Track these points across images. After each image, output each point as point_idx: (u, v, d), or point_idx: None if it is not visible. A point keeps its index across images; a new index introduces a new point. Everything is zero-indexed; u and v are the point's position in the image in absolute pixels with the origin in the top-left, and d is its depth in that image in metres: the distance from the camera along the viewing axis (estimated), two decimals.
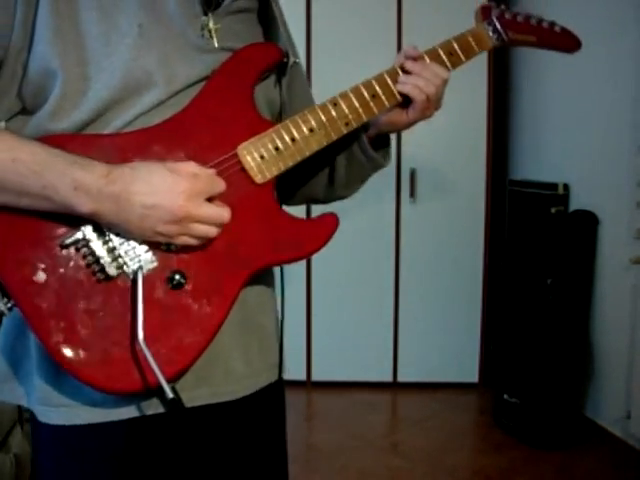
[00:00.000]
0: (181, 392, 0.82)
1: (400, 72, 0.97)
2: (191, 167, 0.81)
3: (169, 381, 0.79)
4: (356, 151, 1.03)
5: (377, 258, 3.41)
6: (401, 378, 3.46)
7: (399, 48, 3.18)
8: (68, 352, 0.78)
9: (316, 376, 3.46)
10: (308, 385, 3.47)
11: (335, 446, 2.80)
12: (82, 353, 0.78)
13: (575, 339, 2.81)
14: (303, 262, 3.27)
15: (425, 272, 3.41)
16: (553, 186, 2.94)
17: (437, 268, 3.40)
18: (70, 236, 0.79)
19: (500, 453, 2.73)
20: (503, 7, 1.05)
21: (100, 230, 0.80)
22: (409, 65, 0.96)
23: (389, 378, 3.46)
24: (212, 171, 0.83)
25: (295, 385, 3.38)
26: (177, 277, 0.82)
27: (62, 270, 0.79)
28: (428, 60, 0.98)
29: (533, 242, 2.93)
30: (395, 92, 0.96)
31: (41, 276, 0.78)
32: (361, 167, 1.05)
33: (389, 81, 0.96)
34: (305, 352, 3.45)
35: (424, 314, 3.42)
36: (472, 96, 3.27)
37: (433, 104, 0.98)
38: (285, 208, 0.94)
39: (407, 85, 0.96)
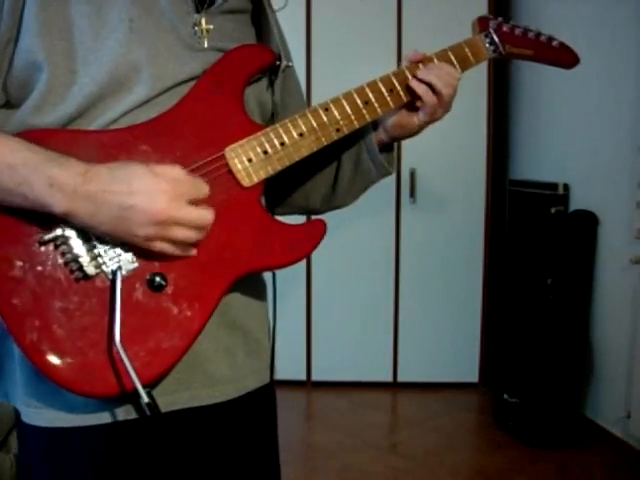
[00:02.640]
0: (162, 396, 0.81)
1: (409, 75, 0.95)
2: (175, 171, 0.78)
3: (146, 385, 0.78)
4: (364, 158, 1.01)
5: (377, 258, 3.41)
6: (401, 378, 3.46)
7: (399, 49, 3.17)
8: (42, 352, 0.76)
9: (316, 376, 3.46)
10: (308, 385, 3.47)
11: (335, 446, 2.81)
12: (57, 354, 0.76)
13: (575, 339, 2.80)
14: (303, 262, 3.27)
15: (425, 272, 3.41)
16: (553, 186, 2.94)
17: (437, 268, 3.40)
18: (49, 232, 0.77)
19: (500, 453, 2.73)
20: (501, 19, 1.03)
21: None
22: (419, 68, 0.95)
23: (389, 378, 3.46)
24: (197, 177, 0.81)
25: (295, 385, 3.38)
26: (157, 279, 0.80)
27: (39, 267, 0.77)
28: (436, 61, 0.96)
29: (533, 242, 2.93)
30: (389, 100, 0.95)
31: (18, 273, 0.76)
32: (367, 174, 1.03)
33: (383, 89, 0.94)
34: (305, 352, 3.45)
35: (424, 314, 3.42)
36: (472, 96, 3.26)
37: (444, 105, 0.96)
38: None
39: (421, 86, 0.94)
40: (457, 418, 3.11)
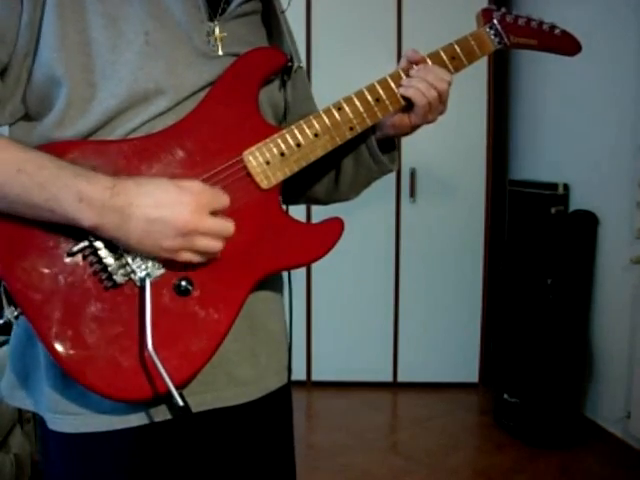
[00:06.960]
0: (188, 397, 0.81)
1: (403, 76, 0.96)
2: (196, 185, 0.80)
3: (177, 387, 0.79)
4: (364, 155, 1.02)
5: (377, 258, 3.41)
6: (401, 378, 3.46)
7: (399, 49, 3.17)
8: (75, 360, 0.77)
9: (316, 376, 3.46)
10: (308, 385, 3.47)
11: (335, 446, 2.81)
12: (90, 361, 0.78)
13: (575, 339, 2.81)
14: None
15: (425, 272, 3.41)
16: (553, 186, 2.94)
17: (437, 268, 3.40)
18: (77, 244, 0.79)
19: (500, 453, 2.73)
20: (504, 10, 1.04)
21: None
22: (412, 69, 0.96)
23: (389, 378, 3.46)
24: (217, 188, 0.82)
25: (295, 385, 3.34)
26: (184, 284, 0.81)
27: (69, 278, 0.78)
28: (430, 63, 0.97)
29: (533, 242, 2.94)
30: (399, 96, 0.96)
31: (48, 284, 0.78)
32: (369, 170, 1.04)
33: (392, 85, 0.96)
34: (305, 352, 3.45)
35: (424, 314, 3.43)
36: (472, 96, 3.27)
37: (435, 108, 0.97)
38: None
39: (410, 89, 0.95)
40: (457, 418, 3.11)
